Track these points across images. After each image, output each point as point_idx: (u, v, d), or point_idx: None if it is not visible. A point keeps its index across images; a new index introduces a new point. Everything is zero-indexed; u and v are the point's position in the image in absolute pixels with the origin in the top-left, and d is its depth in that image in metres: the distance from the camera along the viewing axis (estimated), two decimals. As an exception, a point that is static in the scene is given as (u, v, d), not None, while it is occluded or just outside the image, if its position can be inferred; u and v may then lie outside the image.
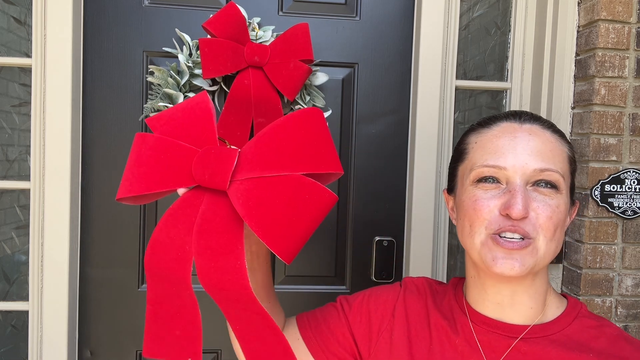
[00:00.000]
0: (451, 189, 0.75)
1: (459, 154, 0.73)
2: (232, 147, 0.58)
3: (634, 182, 1.22)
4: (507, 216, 0.62)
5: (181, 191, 0.59)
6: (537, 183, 0.64)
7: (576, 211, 0.72)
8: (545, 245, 0.63)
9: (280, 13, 1.30)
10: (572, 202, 0.70)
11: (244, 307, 0.54)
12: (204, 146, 0.58)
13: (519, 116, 0.69)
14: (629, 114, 1.22)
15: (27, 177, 1.27)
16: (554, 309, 0.70)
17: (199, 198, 0.57)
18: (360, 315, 0.79)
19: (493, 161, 0.65)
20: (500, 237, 0.63)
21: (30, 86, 1.25)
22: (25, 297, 1.27)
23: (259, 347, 0.58)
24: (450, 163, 0.76)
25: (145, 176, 0.58)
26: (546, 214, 0.62)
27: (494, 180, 0.65)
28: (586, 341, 0.66)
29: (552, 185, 0.64)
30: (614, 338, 0.66)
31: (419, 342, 0.73)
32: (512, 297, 0.68)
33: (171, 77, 1.18)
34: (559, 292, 0.84)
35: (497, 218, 0.63)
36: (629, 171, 1.22)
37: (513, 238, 0.62)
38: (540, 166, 0.63)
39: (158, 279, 0.58)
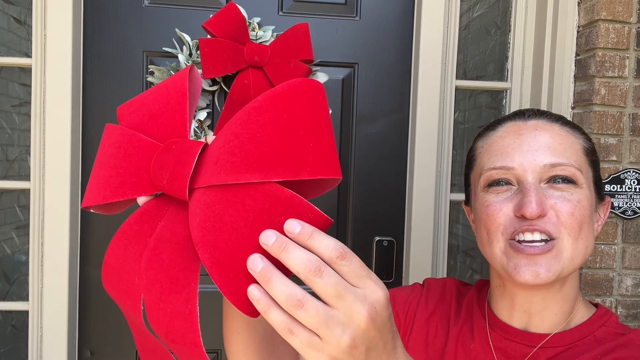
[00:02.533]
0: (468, 199, 0.72)
1: (468, 161, 0.70)
2: (209, 136, 0.45)
3: (634, 182, 1.22)
4: (523, 217, 0.58)
5: (141, 200, 0.45)
6: (552, 179, 0.59)
7: (608, 209, 0.66)
8: (571, 246, 0.58)
9: (280, 13, 1.30)
10: (602, 198, 0.65)
11: None
12: (171, 139, 0.44)
13: (523, 114, 0.65)
14: (629, 114, 1.21)
15: (27, 177, 1.27)
16: (579, 317, 0.65)
17: (162, 210, 0.43)
18: None
19: (500, 162, 0.61)
20: (520, 242, 0.58)
21: (30, 86, 1.25)
22: (25, 297, 1.27)
23: None
24: (464, 171, 0.73)
25: (105, 181, 0.45)
26: (567, 209, 0.57)
27: (504, 182, 0.61)
28: (600, 346, 0.61)
29: (569, 180, 0.59)
30: (631, 343, 0.60)
31: (434, 347, 0.70)
32: (543, 304, 0.63)
33: (171, 77, 1.18)
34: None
35: (512, 220, 0.59)
36: (629, 171, 1.22)
37: (534, 241, 0.58)
38: (551, 161, 0.59)
39: (121, 307, 0.45)
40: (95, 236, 1.28)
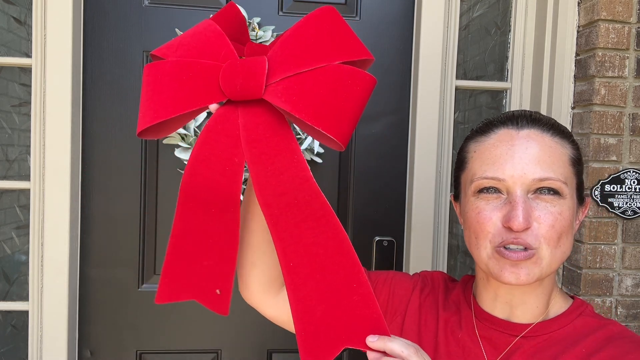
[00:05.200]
0: (457, 195, 0.76)
1: (460, 162, 0.74)
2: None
3: (634, 182, 1.22)
4: (509, 228, 0.63)
5: (213, 107, 0.58)
6: (538, 190, 0.64)
7: (587, 209, 0.71)
8: (549, 254, 0.63)
9: (280, 13, 1.30)
10: (582, 200, 0.70)
11: (307, 213, 0.54)
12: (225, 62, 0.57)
13: (517, 121, 0.68)
14: (629, 114, 1.21)
15: (27, 177, 1.27)
16: (557, 307, 0.70)
17: (234, 112, 0.56)
18: (382, 293, 0.80)
19: (492, 172, 0.65)
20: (505, 248, 0.63)
21: (30, 86, 1.25)
22: (25, 297, 1.27)
23: (324, 295, 0.55)
24: (454, 170, 0.76)
25: (169, 100, 0.56)
26: (548, 222, 0.63)
27: (494, 190, 0.65)
28: (582, 337, 0.66)
29: (555, 192, 0.64)
30: (614, 335, 0.65)
31: (427, 334, 0.75)
32: (523, 297, 0.69)
33: (171, 77, 1.19)
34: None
35: (500, 230, 0.64)
36: (629, 171, 1.22)
37: (517, 249, 0.63)
38: (540, 175, 0.63)
39: (195, 203, 0.58)
40: (95, 236, 1.28)
